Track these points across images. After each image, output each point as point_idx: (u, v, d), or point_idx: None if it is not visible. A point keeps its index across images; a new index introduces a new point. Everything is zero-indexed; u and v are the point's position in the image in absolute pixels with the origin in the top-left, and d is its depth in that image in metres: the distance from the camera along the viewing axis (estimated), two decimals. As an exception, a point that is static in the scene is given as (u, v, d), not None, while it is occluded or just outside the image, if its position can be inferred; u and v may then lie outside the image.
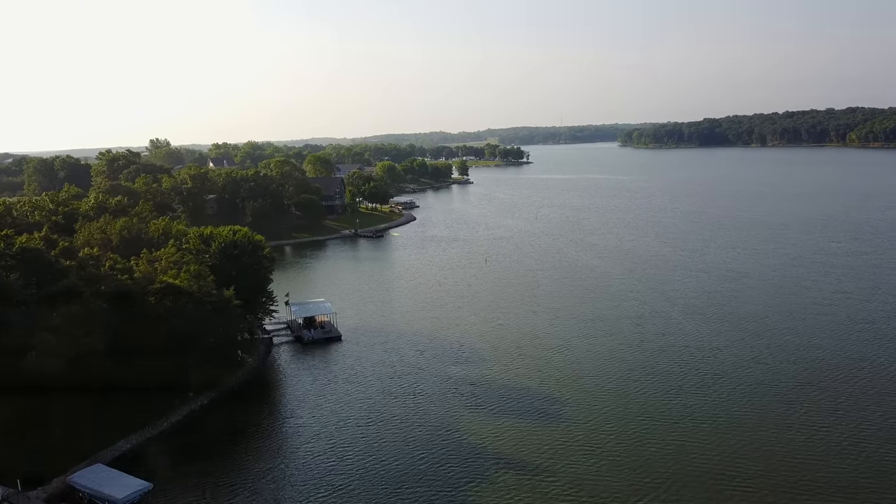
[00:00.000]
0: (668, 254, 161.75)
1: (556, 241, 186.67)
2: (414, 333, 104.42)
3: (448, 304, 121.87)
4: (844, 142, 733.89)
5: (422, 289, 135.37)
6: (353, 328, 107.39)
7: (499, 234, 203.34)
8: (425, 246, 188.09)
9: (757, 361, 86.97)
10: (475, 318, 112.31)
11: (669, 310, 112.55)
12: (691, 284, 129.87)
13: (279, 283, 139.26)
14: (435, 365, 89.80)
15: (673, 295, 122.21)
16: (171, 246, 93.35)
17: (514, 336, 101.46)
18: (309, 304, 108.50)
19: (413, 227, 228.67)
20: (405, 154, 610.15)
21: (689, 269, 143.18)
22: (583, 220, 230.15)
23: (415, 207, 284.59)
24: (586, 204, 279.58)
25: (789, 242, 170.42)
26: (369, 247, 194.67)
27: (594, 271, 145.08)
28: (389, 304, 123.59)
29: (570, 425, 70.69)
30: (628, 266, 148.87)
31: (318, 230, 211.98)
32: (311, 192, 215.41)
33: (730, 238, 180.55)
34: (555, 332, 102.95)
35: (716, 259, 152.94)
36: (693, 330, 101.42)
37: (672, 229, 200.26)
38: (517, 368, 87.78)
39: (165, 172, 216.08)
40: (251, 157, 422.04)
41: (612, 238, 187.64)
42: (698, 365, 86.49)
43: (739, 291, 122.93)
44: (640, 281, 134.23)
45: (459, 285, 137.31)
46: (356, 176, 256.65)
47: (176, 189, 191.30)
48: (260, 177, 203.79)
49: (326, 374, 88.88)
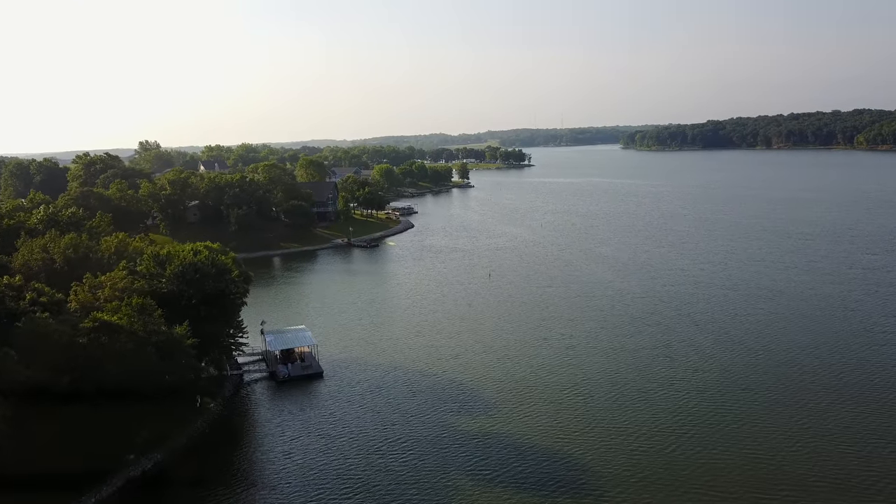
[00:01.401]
0: (688, 267, 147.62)
1: (564, 252, 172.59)
2: (407, 368, 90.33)
3: (447, 329, 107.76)
4: (852, 144, 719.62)
5: (418, 308, 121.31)
6: (336, 361, 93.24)
7: (502, 244, 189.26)
8: (423, 257, 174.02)
9: (813, 408, 72.83)
10: (477, 346, 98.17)
11: (699, 338, 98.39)
12: (719, 305, 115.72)
13: (260, 301, 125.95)
14: (430, 412, 75.64)
15: (700, 319, 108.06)
16: (120, 269, 79.40)
17: (523, 372, 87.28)
18: (287, 332, 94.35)
19: (410, 236, 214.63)
20: (404, 157, 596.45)
21: (713, 286, 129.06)
22: (591, 227, 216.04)
23: (413, 213, 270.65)
24: (593, 210, 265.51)
25: (819, 254, 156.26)
26: (363, 258, 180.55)
27: (609, 288, 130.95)
28: (380, 329, 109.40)
29: (596, 500, 56.63)
30: (646, 282, 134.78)
31: (309, 239, 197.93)
32: (301, 199, 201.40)
33: (752, 249, 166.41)
34: (570, 366, 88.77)
35: (741, 274, 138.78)
36: (730, 363, 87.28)
37: (687, 238, 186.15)
38: (528, 417, 73.61)
39: (146, 177, 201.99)
40: (244, 160, 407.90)
41: (624, 248, 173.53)
42: (744, 412, 72.36)
43: (776, 314, 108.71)
44: (661, 301, 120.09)
45: (460, 304, 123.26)
46: (350, 181, 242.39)
47: (154, 196, 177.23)
48: (246, 182, 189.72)
49: (300, 423, 74.72)
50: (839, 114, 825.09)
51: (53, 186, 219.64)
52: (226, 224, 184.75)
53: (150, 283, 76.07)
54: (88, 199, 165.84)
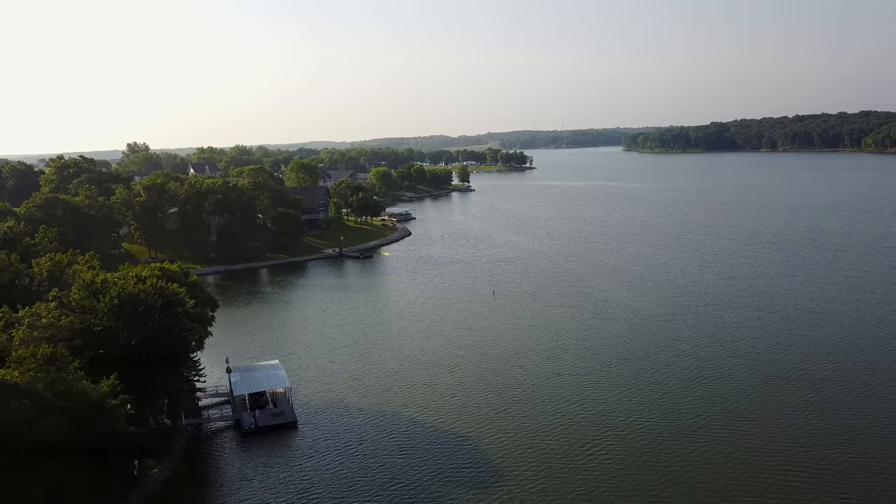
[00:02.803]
0: (712, 284, 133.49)
1: (573, 265, 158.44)
2: (395, 413, 76.17)
3: (444, 360, 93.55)
4: (860, 147, 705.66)
5: (412, 333, 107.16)
6: (314, 404, 79.11)
7: (505, 255, 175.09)
8: (420, 269, 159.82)
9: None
10: (479, 384, 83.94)
11: (739, 374, 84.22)
12: (755, 331, 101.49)
13: (232, 325, 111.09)
14: (423, 480, 61.41)
15: (737, 348, 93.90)
16: (49, 300, 65.24)
17: (534, 421, 73.01)
18: (256, 370, 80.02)
19: (407, 245, 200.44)
20: (403, 159, 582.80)
21: (744, 307, 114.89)
22: (600, 236, 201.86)
23: (411, 220, 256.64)
24: (600, 216, 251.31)
25: (857, 268, 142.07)
26: (354, 270, 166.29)
27: (626, 309, 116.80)
28: (367, 360, 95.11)
29: None
30: (668, 301, 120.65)
31: (298, 249, 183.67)
32: (289, 205, 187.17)
33: (779, 261, 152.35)
34: (591, 413, 74.57)
35: (773, 292, 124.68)
36: (782, 405, 73.14)
37: (706, 249, 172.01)
38: (542, 488, 59.40)
39: (122, 182, 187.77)
40: (237, 162, 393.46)
41: (639, 261, 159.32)
42: (812, 474, 58.23)
43: (826, 344, 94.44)
44: (687, 325, 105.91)
45: (459, 328, 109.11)
46: (344, 185, 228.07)
47: (127, 203, 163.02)
48: (229, 188, 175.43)
49: (265, 489, 60.56)
50: (845, 115, 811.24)
51: (28, 191, 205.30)
52: (207, 233, 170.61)
53: (82, 319, 61.89)
54: (54, 206, 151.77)
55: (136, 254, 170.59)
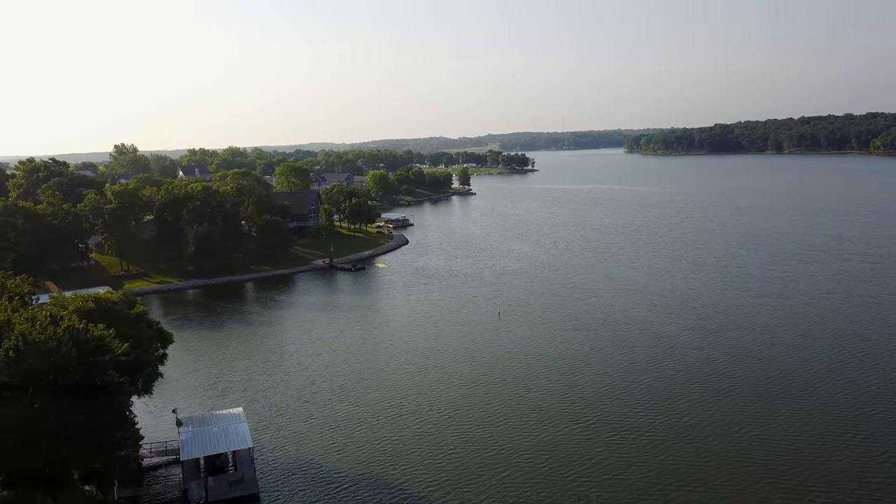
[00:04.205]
0: (741, 302, 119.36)
1: (585, 278, 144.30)
2: (381, 475, 61.89)
3: (442, 400, 79.37)
4: (868, 149, 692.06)
5: (405, 365, 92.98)
6: (282, 465, 64.90)
7: (510, 266, 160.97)
8: (416, 284, 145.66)
9: None
10: (483, 436, 69.66)
11: (793, 420, 70.03)
12: (805, 364, 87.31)
13: (192, 358, 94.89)
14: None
15: (786, 384, 79.72)
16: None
17: (553, 489, 58.80)
18: (213, 422, 65.59)
19: (404, 255, 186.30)
20: (402, 161, 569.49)
21: (783, 331, 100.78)
22: (611, 245, 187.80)
23: (408, 226, 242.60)
24: (608, 222, 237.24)
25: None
26: (344, 284, 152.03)
27: (650, 333, 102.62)
28: (351, 401, 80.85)
29: None
30: (695, 324, 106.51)
31: (284, 261, 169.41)
32: (276, 212, 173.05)
33: (812, 275, 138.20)
34: (619, 475, 60.32)
35: (814, 313, 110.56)
36: (865, 468, 59.08)
37: (727, 260, 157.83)
38: None
39: (96, 187, 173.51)
40: (229, 165, 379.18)
41: (657, 274, 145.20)
42: None
43: (891, 381, 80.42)
44: (724, 355, 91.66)
45: (459, 358, 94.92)
46: (336, 190, 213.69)
47: (96, 210, 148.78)
48: (209, 193, 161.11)
49: None
50: (852, 117, 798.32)
51: None
52: (186, 243, 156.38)
53: (-27, 374, 47.66)
54: (13, 213, 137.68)
55: (107, 266, 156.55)
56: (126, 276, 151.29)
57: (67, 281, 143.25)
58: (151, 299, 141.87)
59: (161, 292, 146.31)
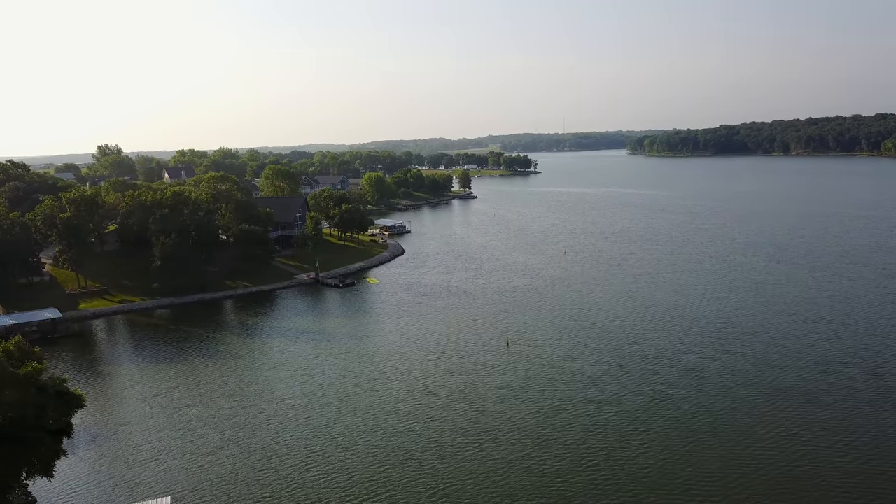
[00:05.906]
0: (789, 329, 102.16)
1: (601, 298, 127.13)
2: None
3: (438, 475, 62.14)
4: (878, 151, 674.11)
5: (392, 414, 75.75)
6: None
7: (516, 283, 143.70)
8: (411, 304, 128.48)
9: None
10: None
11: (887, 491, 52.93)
12: (889, 418, 70.27)
13: (115, 417, 74.22)
14: None
15: (868, 437, 62.56)
16: None
17: None
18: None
19: (398, 267, 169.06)
20: (401, 162, 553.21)
21: (848, 369, 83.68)
22: (626, 256, 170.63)
23: (405, 233, 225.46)
24: (620, 229, 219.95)
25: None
26: (331, 304, 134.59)
27: (686, 371, 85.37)
28: (317, 475, 63.51)
29: None
30: (739, 359, 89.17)
31: (265, 275, 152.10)
32: (256, 220, 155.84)
33: (860, 296, 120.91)
34: None
35: (876, 345, 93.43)
36: None
37: (760, 276, 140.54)
38: None
39: (55, 192, 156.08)
40: (219, 166, 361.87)
41: (682, 292, 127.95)
42: None
43: None
44: (781, 401, 74.46)
45: (459, 406, 77.74)
46: (325, 196, 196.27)
47: (49, 220, 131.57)
48: (180, 200, 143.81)
49: None
50: (861, 118, 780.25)
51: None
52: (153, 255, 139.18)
53: None
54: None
55: (63, 282, 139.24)
56: (83, 294, 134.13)
57: (13, 300, 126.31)
58: (110, 321, 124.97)
59: (122, 312, 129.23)
